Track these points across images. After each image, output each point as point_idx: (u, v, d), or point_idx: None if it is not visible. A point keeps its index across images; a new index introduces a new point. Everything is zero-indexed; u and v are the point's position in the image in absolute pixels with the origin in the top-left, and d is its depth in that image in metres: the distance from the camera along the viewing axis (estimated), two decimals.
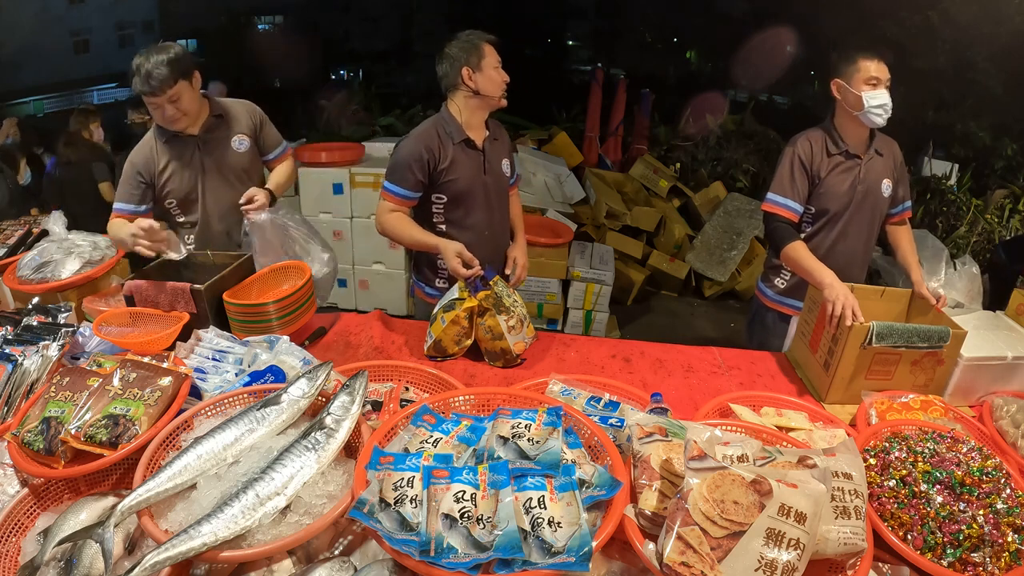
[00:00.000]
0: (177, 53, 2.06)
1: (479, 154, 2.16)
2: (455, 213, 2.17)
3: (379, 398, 1.55)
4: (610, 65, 11.33)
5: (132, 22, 15.84)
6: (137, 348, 1.69)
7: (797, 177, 2.16)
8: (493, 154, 2.21)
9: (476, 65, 2.06)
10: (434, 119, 2.15)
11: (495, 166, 2.22)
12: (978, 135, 6.41)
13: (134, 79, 2.04)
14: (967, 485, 1.21)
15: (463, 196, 2.15)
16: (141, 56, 2.03)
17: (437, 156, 2.08)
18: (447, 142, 2.10)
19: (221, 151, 2.27)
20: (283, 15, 14.67)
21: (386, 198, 2.14)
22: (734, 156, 6.36)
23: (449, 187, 2.12)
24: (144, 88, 2.03)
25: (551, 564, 0.96)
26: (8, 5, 11.87)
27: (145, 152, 2.22)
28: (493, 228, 2.25)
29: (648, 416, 1.31)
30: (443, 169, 2.10)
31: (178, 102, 2.10)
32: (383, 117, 7.02)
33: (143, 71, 2.01)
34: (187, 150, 2.23)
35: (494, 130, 2.24)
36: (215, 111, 2.25)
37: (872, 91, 2.03)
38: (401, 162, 2.09)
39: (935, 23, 6.33)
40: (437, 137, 2.09)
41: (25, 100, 11.71)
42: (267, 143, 2.42)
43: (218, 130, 2.27)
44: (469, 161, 2.13)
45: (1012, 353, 1.77)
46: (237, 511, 1.06)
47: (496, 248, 2.31)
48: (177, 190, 2.26)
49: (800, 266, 2.03)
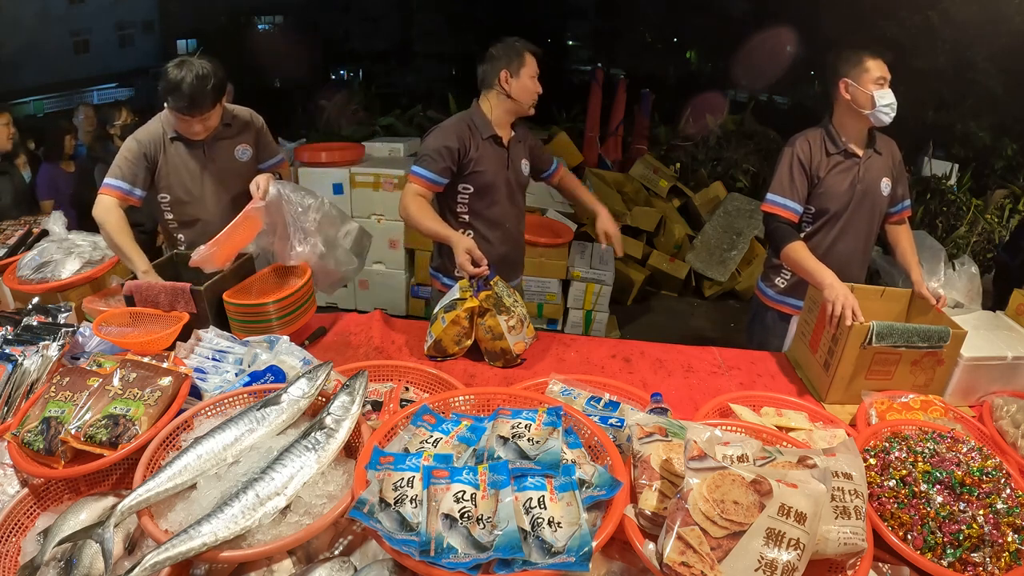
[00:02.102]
0: (217, 75, 2.04)
1: (504, 151, 2.25)
2: (479, 204, 2.26)
3: (379, 398, 1.55)
4: (610, 65, 11.33)
5: (132, 22, 15.85)
6: (137, 348, 1.69)
7: (796, 177, 2.16)
8: (515, 153, 2.31)
9: (515, 71, 2.16)
10: (465, 114, 2.25)
11: (517, 164, 2.32)
12: (978, 135, 6.41)
13: (171, 94, 2.01)
14: (967, 485, 1.21)
15: (488, 188, 2.24)
16: (181, 70, 1.99)
17: (467, 146, 2.17)
18: (477, 135, 2.19)
19: (225, 159, 2.28)
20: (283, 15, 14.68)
21: (413, 180, 2.18)
22: (734, 156, 6.36)
23: (476, 178, 2.21)
24: (182, 107, 2.03)
25: (551, 564, 0.96)
26: (8, 5, 11.86)
27: (155, 137, 2.18)
28: (513, 222, 2.36)
29: (648, 416, 1.31)
30: (471, 160, 2.18)
31: (208, 121, 2.12)
32: (383, 117, 7.01)
33: (185, 89, 1.98)
34: (194, 153, 2.23)
35: (519, 132, 2.34)
36: (225, 119, 2.25)
37: (881, 90, 2.06)
38: (432, 148, 2.16)
39: (935, 23, 6.33)
40: (468, 129, 2.19)
41: (25, 100, 11.71)
42: (265, 152, 2.41)
43: (224, 138, 2.27)
44: (495, 156, 2.23)
45: (1012, 353, 1.77)
46: (237, 511, 1.06)
47: (513, 241, 2.41)
48: (174, 189, 2.25)
49: (800, 266, 2.04)
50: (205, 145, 2.22)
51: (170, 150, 2.21)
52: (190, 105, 2.02)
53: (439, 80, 11.47)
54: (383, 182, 4.42)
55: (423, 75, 11.97)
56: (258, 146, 2.38)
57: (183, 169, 2.23)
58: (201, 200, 2.27)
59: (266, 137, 2.42)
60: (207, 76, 2.01)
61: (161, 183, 2.23)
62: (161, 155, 2.20)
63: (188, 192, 2.25)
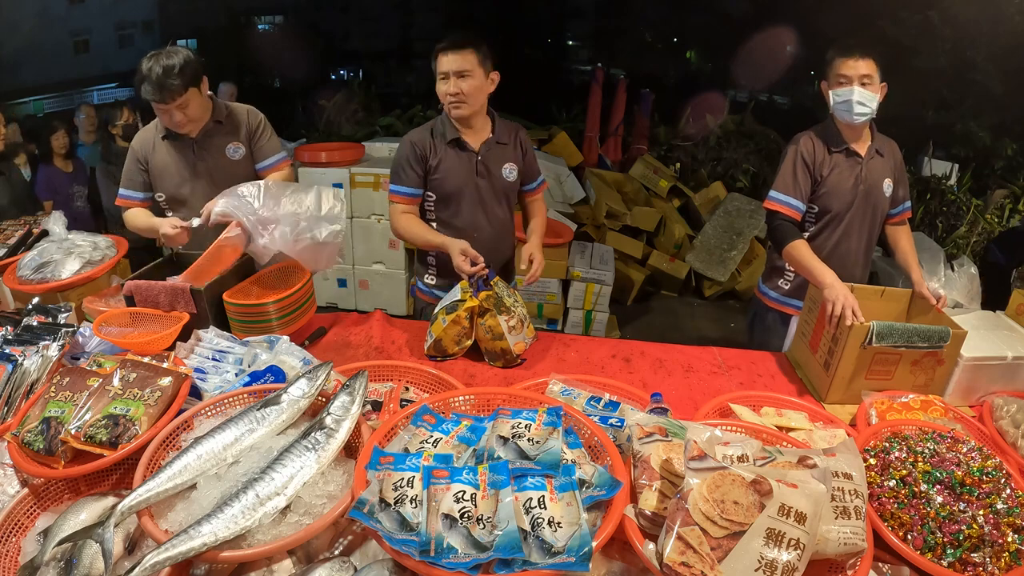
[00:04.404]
0: (187, 59, 2.05)
1: (472, 155, 2.14)
2: (444, 212, 2.20)
3: (379, 398, 1.55)
4: (610, 65, 11.31)
5: (132, 22, 15.83)
6: (137, 348, 1.69)
7: (800, 175, 2.16)
8: (492, 157, 2.18)
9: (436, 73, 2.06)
10: (434, 120, 2.19)
11: (493, 169, 2.18)
12: (978, 135, 6.40)
13: (143, 84, 2.03)
14: (967, 485, 1.21)
15: (452, 196, 2.16)
16: (150, 61, 2.01)
17: (427, 153, 2.12)
18: (439, 141, 2.13)
19: (216, 157, 2.27)
20: (283, 15, 14.66)
21: (393, 199, 2.17)
22: (734, 156, 6.36)
23: (438, 185, 2.15)
24: (154, 95, 2.03)
25: (551, 564, 0.96)
26: (8, 5, 11.85)
27: (146, 141, 2.25)
28: (484, 231, 2.21)
29: (648, 416, 1.31)
30: (432, 166, 2.13)
31: (186, 108, 2.11)
32: (383, 117, 7.01)
33: (153, 77, 2.00)
34: (183, 151, 2.23)
35: (502, 133, 2.20)
36: (216, 116, 2.25)
37: (839, 88, 2.06)
38: (399, 161, 2.14)
39: (935, 23, 6.33)
40: (430, 135, 2.14)
41: (25, 100, 11.69)
42: (260, 152, 2.36)
43: (216, 136, 2.26)
44: (459, 161, 2.14)
45: (1012, 353, 1.77)
46: (237, 511, 1.06)
47: (489, 251, 2.14)
48: (167, 187, 2.27)
49: (801, 265, 2.04)
50: (195, 143, 2.23)
51: (160, 148, 2.23)
52: (158, 92, 2.02)
53: None
54: (383, 182, 4.42)
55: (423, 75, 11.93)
56: (253, 145, 2.34)
57: (173, 167, 2.24)
58: (191, 198, 2.26)
59: (264, 136, 2.36)
60: (173, 63, 2.01)
61: (155, 182, 2.25)
62: (151, 154, 2.23)
63: (178, 190, 2.26)
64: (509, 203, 2.30)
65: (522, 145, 2.27)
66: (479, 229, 2.20)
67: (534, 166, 2.33)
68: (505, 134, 2.21)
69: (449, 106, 2.06)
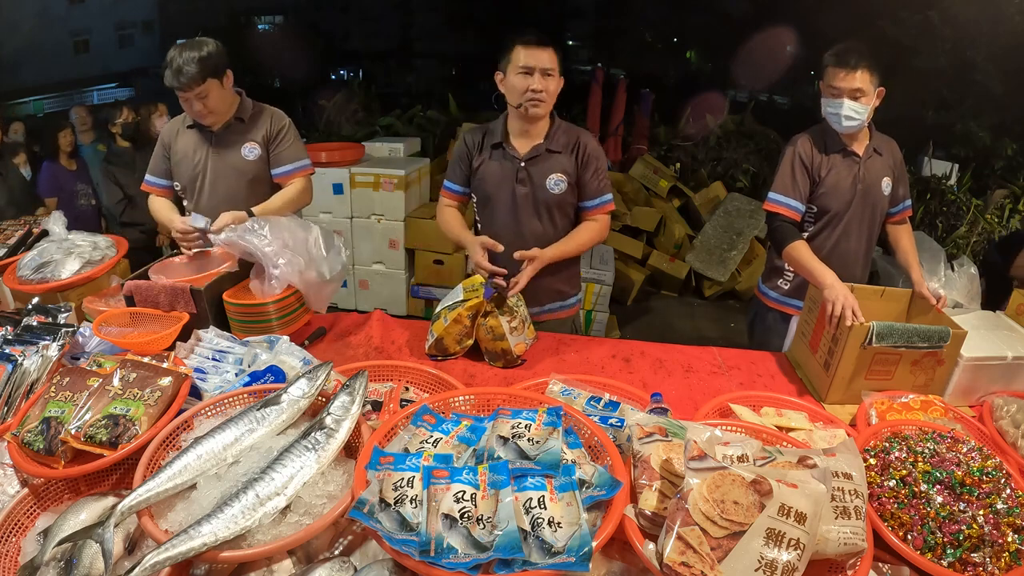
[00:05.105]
0: (210, 51, 2.08)
1: (515, 163, 2.06)
2: (483, 214, 2.20)
3: (379, 398, 1.55)
4: (610, 65, 11.33)
5: (132, 22, 15.86)
6: (137, 348, 1.69)
7: (798, 176, 2.16)
8: (538, 167, 2.05)
9: (505, 68, 1.98)
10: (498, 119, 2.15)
11: (536, 178, 2.05)
12: (978, 135, 6.40)
13: (166, 72, 2.07)
14: (967, 485, 1.21)
15: (489, 199, 2.14)
16: (175, 50, 2.05)
17: (472, 153, 2.12)
18: (486, 143, 2.12)
19: (230, 154, 2.27)
20: (283, 15, 14.68)
21: (442, 193, 2.21)
22: (734, 156, 6.36)
23: (478, 187, 2.17)
24: (173, 83, 2.07)
25: (551, 564, 0.96)
26: (8, 5, 11.86)
27: (172, 128, 2.30)
28: (515, 242, 2.04)
29: (648, 416, 1.31)
30: (475, 167, 2.14)
31: (206, 99, 2.13)
32: (383, 117, 7.01)
33: (175, 65, 2.04)
34: (202, 143, 2.26)
35: (557, 140, 2.06)
36: (240, 113, 2.26)
37: (831, 99, 2.08)
38: (454, 155, 2.18)
39: (935, 23, 6.33)
40: (481, 136, 2.14)
41: (25, 100, 11.71)
42: (277, 158, 2.31)
43: (235, 132, 2.27)
44: (499, 167, 2.09)
45: (1012, 353, 1.77)
46: (237, 511, 1.06)
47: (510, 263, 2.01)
48: (182, 176, 2.30)
49: (801, 265, 2.04)
50: (214, 136, 2.25)
51: (182, 137, 2.27)
52: (175, 78, 2.05)
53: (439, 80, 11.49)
54: (383, 182, 4.42)
55: (423, 75, 11.98)
56: (271, 149, 2.31)
57: (190, 156, 2.27)
58: (202, 189, 2.29)
59: (284, 142, 2.31)
60: (195, 53, 2.05)
61: (173, 169, 2.31)
62: (174, 141, 2.28)
63: (191, 180, 2.29)
64: (552, 217, 2.10)
65: (582, 156, 2.07)
66: (507, 239, 2.04)
67: (596, 182, 2.10)
68: (561, 141, 2.06)
69: (528, 103, 1.95)
